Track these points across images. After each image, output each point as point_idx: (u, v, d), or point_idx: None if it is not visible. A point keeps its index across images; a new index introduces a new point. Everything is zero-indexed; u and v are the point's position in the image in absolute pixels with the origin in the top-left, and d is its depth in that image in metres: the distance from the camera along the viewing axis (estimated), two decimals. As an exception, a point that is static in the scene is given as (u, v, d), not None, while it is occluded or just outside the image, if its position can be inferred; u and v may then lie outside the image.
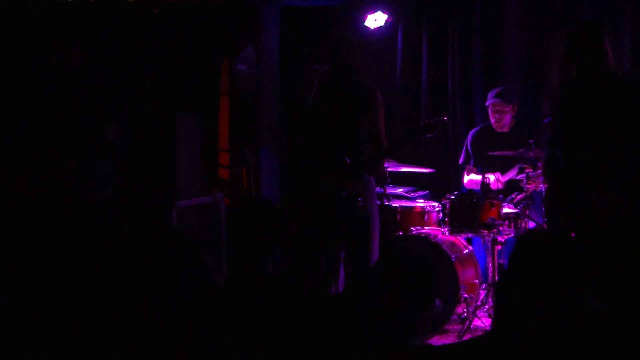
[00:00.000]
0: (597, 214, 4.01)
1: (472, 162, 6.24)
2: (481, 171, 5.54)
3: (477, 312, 5.40)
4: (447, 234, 5.59)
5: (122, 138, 5.16)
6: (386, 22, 6.77)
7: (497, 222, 5.38)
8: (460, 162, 6.38)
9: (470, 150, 6.27)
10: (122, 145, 5.22)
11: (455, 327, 5.45)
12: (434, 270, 5.39)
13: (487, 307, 5.47)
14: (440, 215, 5.80)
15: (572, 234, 4.09)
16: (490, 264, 5.44)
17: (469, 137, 6.33)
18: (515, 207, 5.57)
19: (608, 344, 2.06)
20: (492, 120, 6.10)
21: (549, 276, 2.12)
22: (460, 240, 5.74)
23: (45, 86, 4.68)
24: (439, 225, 5.79)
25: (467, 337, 5.19)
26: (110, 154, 5.16)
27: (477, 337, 4.91)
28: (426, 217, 5.83)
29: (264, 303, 2.80)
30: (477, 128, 6.34)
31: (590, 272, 2.11)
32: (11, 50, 4.86)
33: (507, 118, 6.06)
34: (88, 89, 5.05)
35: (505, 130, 6.13)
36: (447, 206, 5.56)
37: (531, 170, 5.46)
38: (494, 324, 4.62)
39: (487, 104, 6.14)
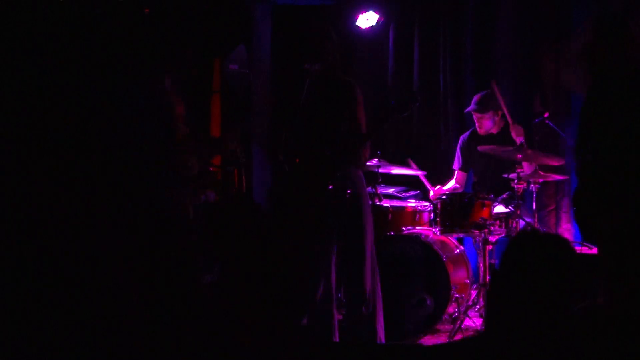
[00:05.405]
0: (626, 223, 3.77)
1: (461, 166, 6.28)
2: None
3: (469, 312, 5.41)
4: (438, 234, 5.59)
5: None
6: (378, 21, 6.78)
7: (488, 222, 5.38)
8: (453, 167, 6.38)
9: (460, 155, 6.28)
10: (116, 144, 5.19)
11: (447, 327, 5.46)
12: (425, 270, 5.45)
13: (478, 307, 5.48)
14: (432, 215, 5.80)
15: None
16: (481, 264, 5.44)
17: (460, 142, 6.34)
18: (507, 206, 5.57)
19: (601, 344, 2.06)
20: (476, 125, 6.16)
21: (540, 276, 2.12)
22: (451, 240, 5.74)
23: (37, 87, 4.66)
24: (431, 225, 5.79)
25: (458, 336, 5.20)
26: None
27: (469, 337, 4.94)
28: (417, 217, 5.84)
29: (255, 303, 2.80)
30: (467, 132, 6.34)
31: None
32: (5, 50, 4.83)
33: (487, 124, 6.10)
34: (79, 89, 5.02)
35: (494, 132, 6.13)
36: (439, 206, 5.56)
37: (522, 170, 5.47)
38: (485, 324, 4.64)
39: (465, 110, 6.24)
